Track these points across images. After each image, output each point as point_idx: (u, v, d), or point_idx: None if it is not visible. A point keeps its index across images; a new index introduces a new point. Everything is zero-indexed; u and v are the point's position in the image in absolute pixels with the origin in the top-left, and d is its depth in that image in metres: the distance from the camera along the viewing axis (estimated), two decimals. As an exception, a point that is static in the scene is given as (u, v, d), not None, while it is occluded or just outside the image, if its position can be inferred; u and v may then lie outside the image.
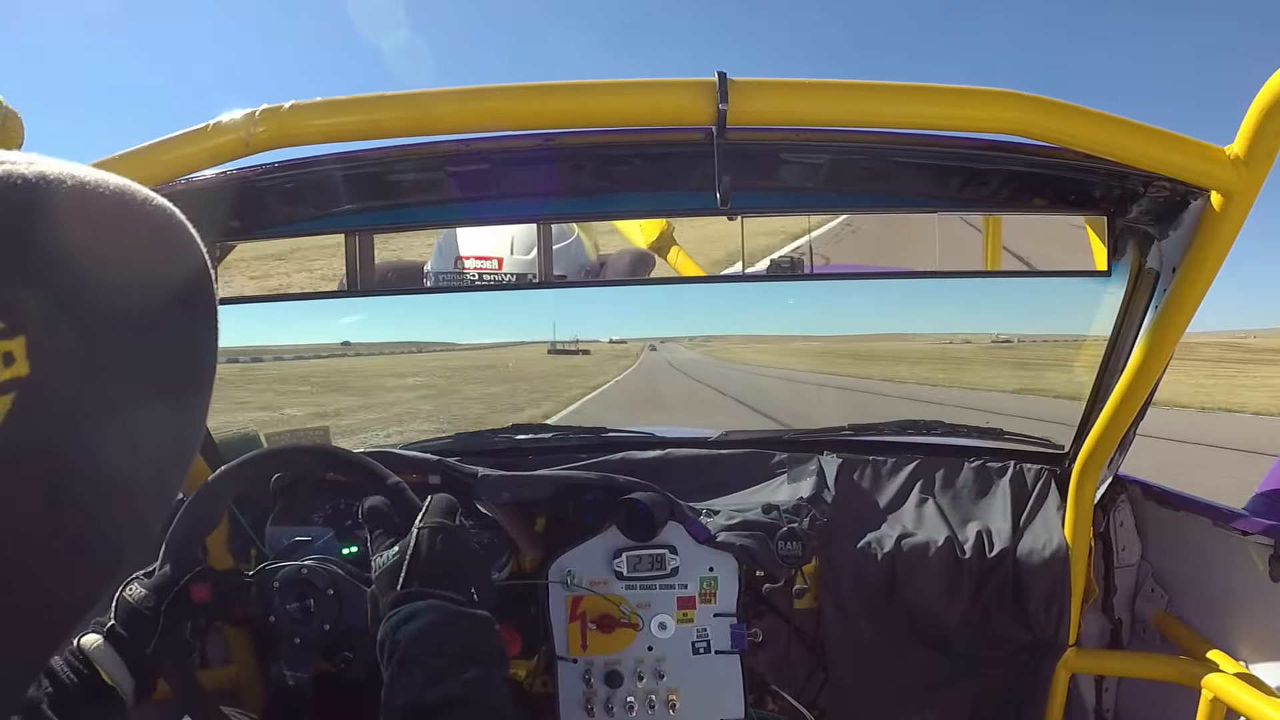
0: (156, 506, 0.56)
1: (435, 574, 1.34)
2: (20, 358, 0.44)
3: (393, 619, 1.26)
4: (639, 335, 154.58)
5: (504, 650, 1.29)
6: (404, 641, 1.21)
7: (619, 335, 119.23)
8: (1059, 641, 2.16)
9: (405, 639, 1.21)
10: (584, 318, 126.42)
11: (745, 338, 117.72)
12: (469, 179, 1.77)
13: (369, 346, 77.25)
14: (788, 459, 2.50)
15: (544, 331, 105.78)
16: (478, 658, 1.21)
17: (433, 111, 1.35)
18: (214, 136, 1.36)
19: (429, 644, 1.20)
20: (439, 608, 1.26)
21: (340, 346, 68.72)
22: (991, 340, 57.59)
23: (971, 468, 2.44)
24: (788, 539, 2.09)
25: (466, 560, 1.41)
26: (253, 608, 1.63)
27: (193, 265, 0.55)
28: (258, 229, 1.87)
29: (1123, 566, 2.32)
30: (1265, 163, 1.35)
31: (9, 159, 0.45)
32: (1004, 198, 1.80)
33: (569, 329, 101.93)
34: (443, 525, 1.42)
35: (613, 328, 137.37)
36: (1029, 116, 1.33)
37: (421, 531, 1.40)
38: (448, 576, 1.35)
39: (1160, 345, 1.70)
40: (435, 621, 1.24)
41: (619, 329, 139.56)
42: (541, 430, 2.86)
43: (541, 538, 2.21)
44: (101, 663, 1.42)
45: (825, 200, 1.86)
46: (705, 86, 1.31)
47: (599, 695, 2.06)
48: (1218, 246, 1.51)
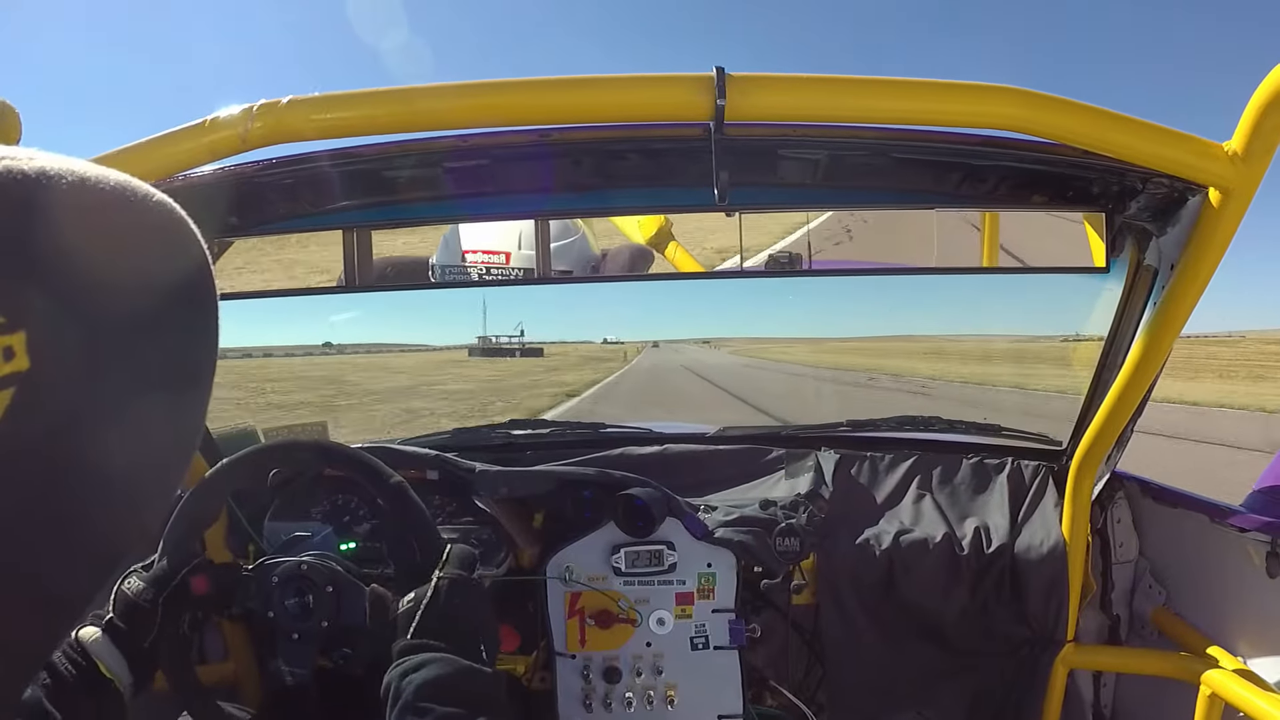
0: (157, 502, 0.56)
1: (448, 628, 1.36)
2: (20, 352, 0.44)
3: (401, 666, 1.27)
4: (639, 337, 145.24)
5: (508, 705, 1.30)
6: (409, 690, 1.22)
7: (615, 335, 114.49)
8: (1057, 637, 2.17)
9: (411, 687, 1.22)
10: (583, 320, 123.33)
11: (774, 340, 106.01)
12: (467, 174, 1.77)
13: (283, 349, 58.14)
14: (785, 455, 2.51)
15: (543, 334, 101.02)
16: (486, 709, 1.22)
17: (430, 107, 1.35)
18: (211, 132, 1.36)
19: (437, 692, 1.21)
20: (448, 660, 1.27)
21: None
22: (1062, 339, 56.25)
23: (969, 464, 2.44)
24: (786, 535, 2.09)
25: (480, 616, 1.43)
26: (251, 603, 1.63)
27: (193, 261, 0.55)
28: (255, 225, 1.87)
29: (1120, 563, 2.32)
30: (1264, 159, 1.34)
31: (9, 154, 0.45)
32: (1002, 194, 1.80)
33: (565, 330, 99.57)
34: (461, 578, 1.44)
35: (610, 328, 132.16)
36: (1027, 112, 1.33)
37: (441, 582, 1.41)
38: (460, 631, 1.37)
39: (1158, 342, 1.70)
40: (444, 673, 1.25)
41: (617, 329, 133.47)
42: (539, 426, 2.86)
43: (539, 533, 2.21)
44: (100, 655, 1.43)
45: (823, 196, 1.86)
46: (703, 81, 1.31)
47: (597, 691, 2.06)
48: (1216, 243, 1.50)
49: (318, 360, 51.92)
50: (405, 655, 1.30)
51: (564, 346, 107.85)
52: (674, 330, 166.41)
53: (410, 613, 1.38)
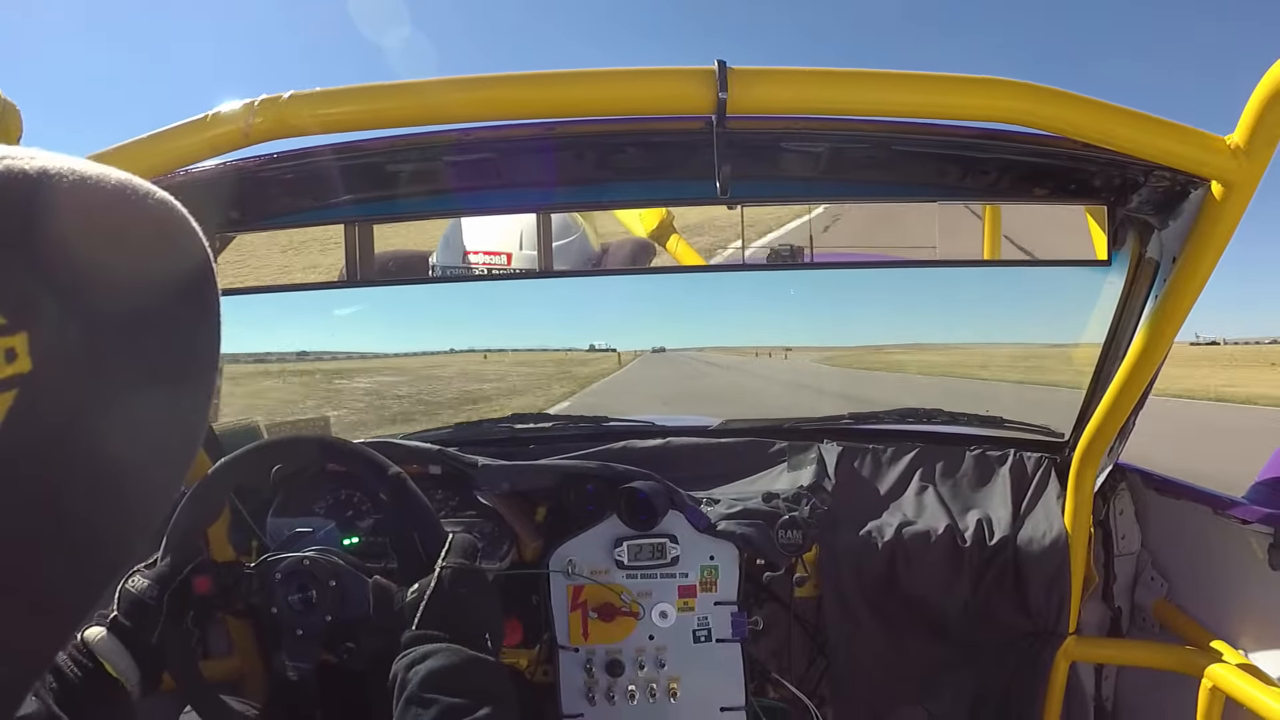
0: (160, 501, 0.56)
1: (453, 618, 1.36)
2: (23, 354, 0.44)
3: (407, 657, 1.28)
4: (639, 345, 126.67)
5: (514, 694, 1.30)
6: (415, 680, 1.22)
7: (603, 342, 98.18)
8: (1059, 630, 2.17)
9: (417, 677, 1.22)
10: (580, 323, 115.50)
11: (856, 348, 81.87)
12: (468, 169, 1.77)
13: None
14: (788, 447, 2.51)
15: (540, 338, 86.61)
16: (491, 698, 1.22)
17: (432, 101, 1.35)
18: (212, 127, 1.36)
19: (443, 682, 1.22)
20: (454, 650, 1.28)
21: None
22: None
23: (972, 456, 2.44)
24: (788, 527, 2.09)
25: (485, 606, 1.43)
26: (254, 599, 1.63)
27: (194, 259, 0.55)
28: (257, 220, 1.87)
29: (1123, 555, 2.32)
30: (1266, 152, 1.34)
31: (10, 154, 0.45)
32: (1004, 187, 1.79)
33: (562, 335, 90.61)
34: (465, 567, 1.44)
35: (607, 334, 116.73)
36: (1029, 105, 1.32)
37: (444, 572, 1.41)
38: (465, 621, 1.37)
39: (1160, 334, 1.70)
40: (451, 663, 1.26)
41: (613, 335, 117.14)
42: (541, 419, 2.86)
43: (542, 527, 2.21)
44: (106, 655, 1.43)
45: (825, 189, 1.86)
46: (705, 75, 1.31)
47: (600, 684, 2.06)
48: (1218, 237, 1.50)
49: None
50: (411, 646, 1.30)
51: (528, 355, 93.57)
52: (683, 334, 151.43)
53: (415, 604, 1.38)
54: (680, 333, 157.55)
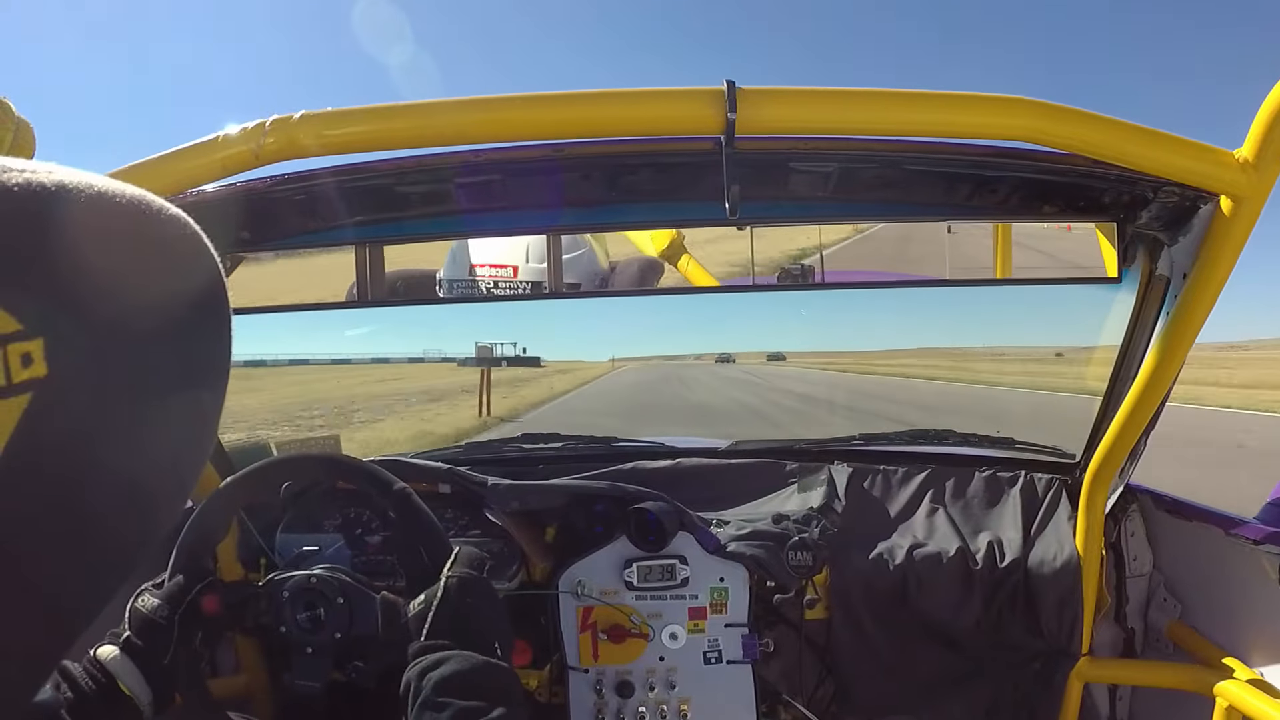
0: (169, 508, 0.57)
1: (460, 626, 1.36)
2: (39, 359, 0.45)
3: (420, 664, 1.28)
4: (642, 354, 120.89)
5: (525, 698, 1.31)
6: (428, 686, 1.23)
7: (586, 354, 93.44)
8: (1072, 651, 2.15)
9: (430, 684, 1.23)
10: (578, 336, 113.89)
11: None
12: (478, 190, 1.78)
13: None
14: (798, 469, 2.50)
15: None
16: (503, 701, 1.22)
17: (442, 122, 1.36)
18: (223, 148, 1.37)
19: (456, 687, 1.22)
20: (466, 656, 1.28)
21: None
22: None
23: (982, 477, 2.43)
24: (798, 549, 2.09)
25: (492, 614, 1.43)
26: (263, 618, 1.63)
27: (206, 273, 0.56)
28: (268, 241, 1.88)
29: (1135, 576, 2.31)
30: (1275, 166, 1.34)
31: (29, 168, 0.46)
32: (1014, 205, 1.79)
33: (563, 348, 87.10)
34: (471, 576, 1.44)
35: (611, 347, 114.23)
36: (1038, 123, 1.33)
37: (450, 581, 1.41)
38: (474, 629, 1.37)
39: (1172, 352, 1.69)
40: (464, 668, 1.27)
41: (610, 347, 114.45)
42: (551, 439, 2.86)
43: (551, 547, 2.20)
44: (119, 674, 1.43)
45: (835, 209, 1.86)
46: (714, 95, 1.31)
47: (610, 706, 2.05)
48: (1228, 251, 1.50)
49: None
50: (421, 656, 1.30)
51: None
52: (688, 343, 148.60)
53: (422, 614, 1.38)
54: (646, 344, 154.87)
